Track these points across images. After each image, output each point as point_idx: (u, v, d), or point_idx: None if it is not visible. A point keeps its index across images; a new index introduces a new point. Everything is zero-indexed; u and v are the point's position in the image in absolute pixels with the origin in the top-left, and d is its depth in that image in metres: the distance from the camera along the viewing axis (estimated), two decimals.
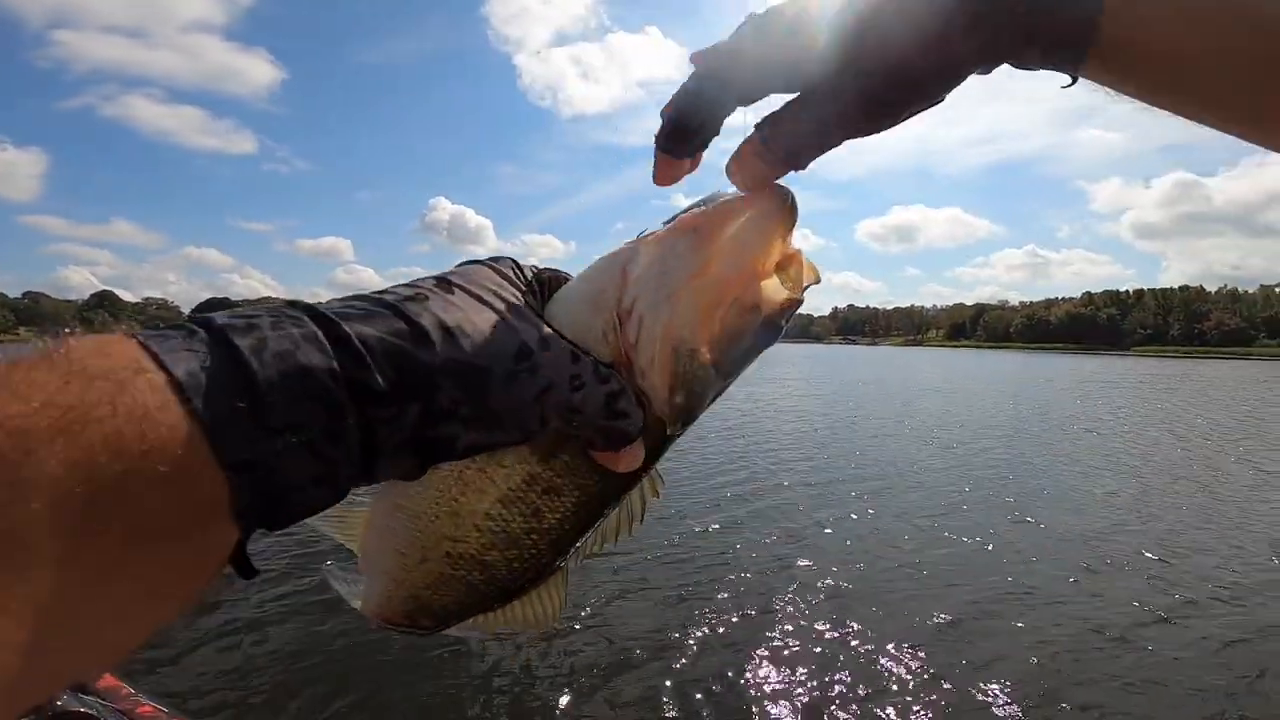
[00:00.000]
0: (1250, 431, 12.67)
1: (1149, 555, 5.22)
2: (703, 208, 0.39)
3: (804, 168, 0.39)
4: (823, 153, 0.38)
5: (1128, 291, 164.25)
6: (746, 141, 0.38)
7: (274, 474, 0.25)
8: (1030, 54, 0.36)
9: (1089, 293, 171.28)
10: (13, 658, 0.20)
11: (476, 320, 0.32)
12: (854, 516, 6.13)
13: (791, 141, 0.37)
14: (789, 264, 0.39)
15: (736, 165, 0.39)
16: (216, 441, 0.23)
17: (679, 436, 0.40)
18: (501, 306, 0.33)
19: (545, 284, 0.40)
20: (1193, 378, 34.07)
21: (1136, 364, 61.03)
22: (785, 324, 0.40)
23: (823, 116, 0.36)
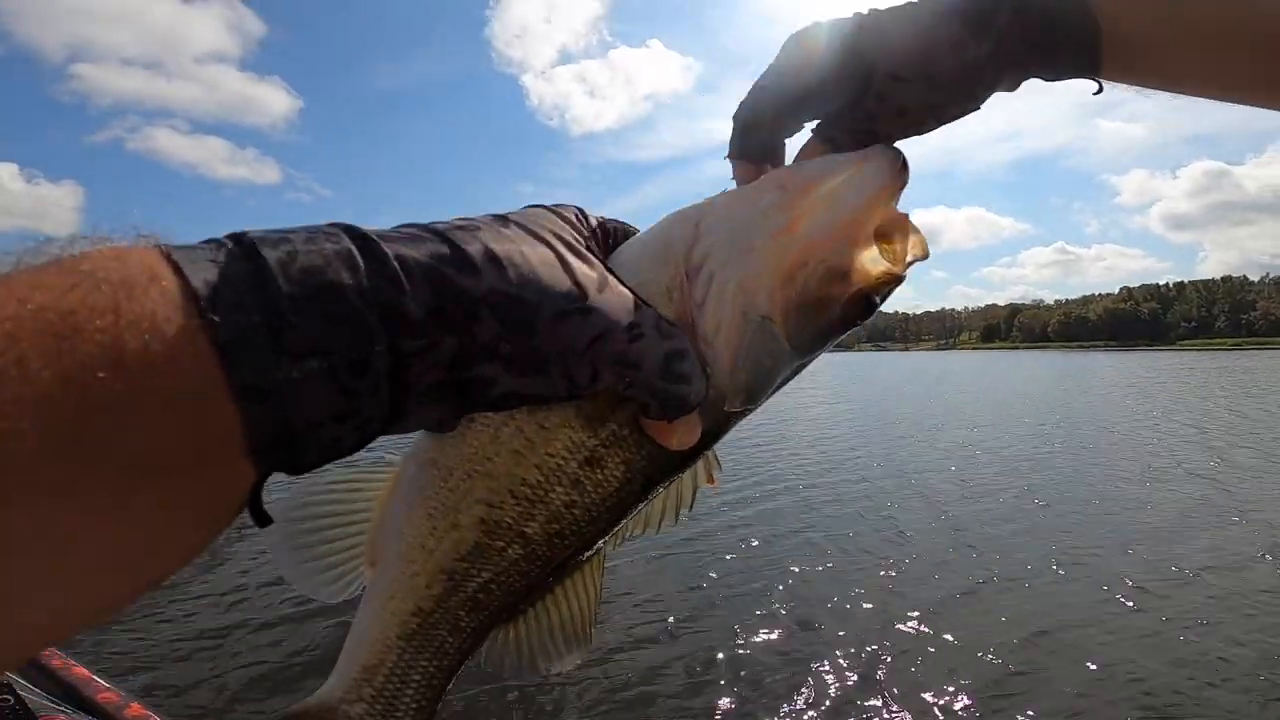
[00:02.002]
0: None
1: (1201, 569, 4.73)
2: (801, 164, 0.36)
3: None
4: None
5: (1168, 285, 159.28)
6: (806, 147, 0.40)
7: (289, 405, 0.22)
8: (1043, 57, 0.38)
9: (1127, 288, 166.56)
10: None
11: (529, 253, 0.28)
12: (890, 533, 5.68)
13: (854, 137, 0.38)
14: (893, 231, 0.34)
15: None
16: (228, 361, 0.21)
17: (741, 419, 0.36)
18: (558, 245, 0.30)
19: (610, 234, 0.36)
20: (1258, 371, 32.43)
21: (1183, 358, 58.74)
22: (880, 302, 0.35)
23: (888, 110, 0.38)
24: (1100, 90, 0.40)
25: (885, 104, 0.37)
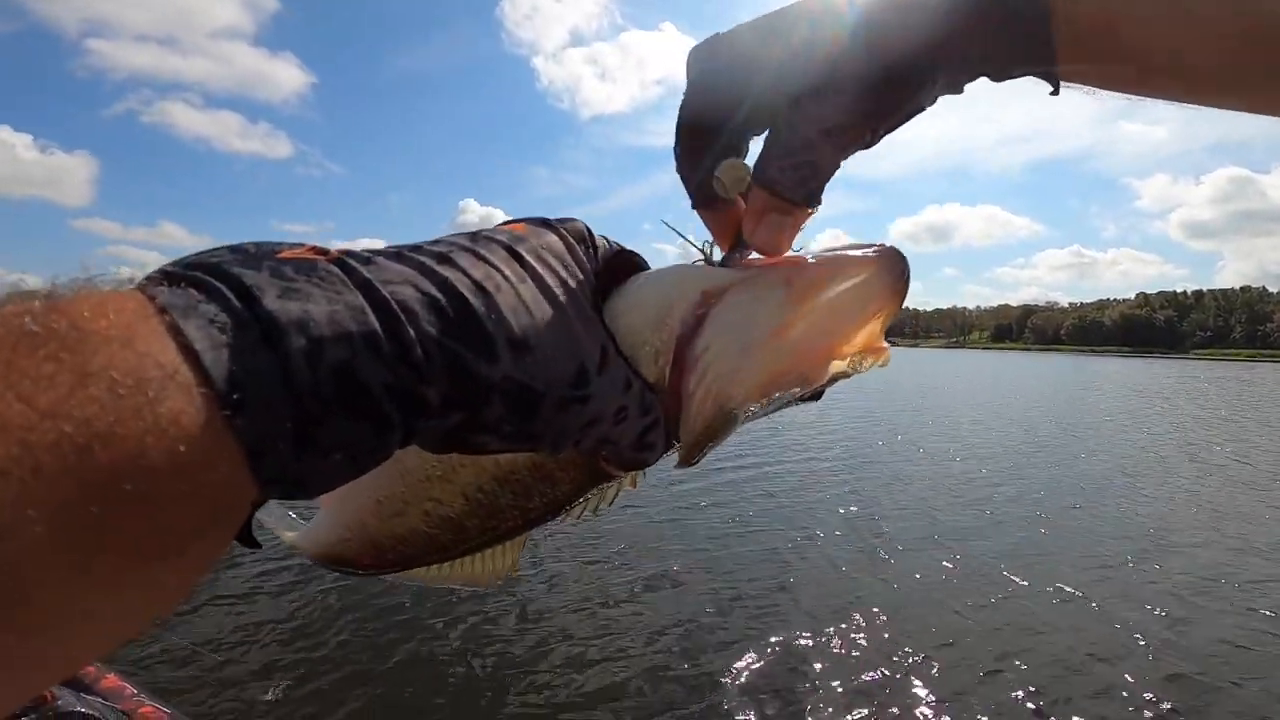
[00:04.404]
0: None
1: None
2: (811, 258, 0.36)
3: (820, 201, 0.35)
4: (828, 176, 0.34)
5: (1185, 292, 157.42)
6: (751, 197, 0.35)
7: (307, 484, 0.24)
8: (999, 50, 0.33)
9: (1143, 293, 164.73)
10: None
11: (544, 330, 0.29)
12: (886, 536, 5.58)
13: (794, 174, 0.33)
14: (868, 351, 0.36)
15: (752, 226, 0.35)
16: (254, 459, 0.21)
17: None
18: (570, 310, 0.30)
19: (614, 271, 0.35)
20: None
21: (1197, 367, 58.14)
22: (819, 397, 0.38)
23: (812, 132, 0.32)
24: (1057, 91, 0.35)
25: (809, 124, 0.32)
